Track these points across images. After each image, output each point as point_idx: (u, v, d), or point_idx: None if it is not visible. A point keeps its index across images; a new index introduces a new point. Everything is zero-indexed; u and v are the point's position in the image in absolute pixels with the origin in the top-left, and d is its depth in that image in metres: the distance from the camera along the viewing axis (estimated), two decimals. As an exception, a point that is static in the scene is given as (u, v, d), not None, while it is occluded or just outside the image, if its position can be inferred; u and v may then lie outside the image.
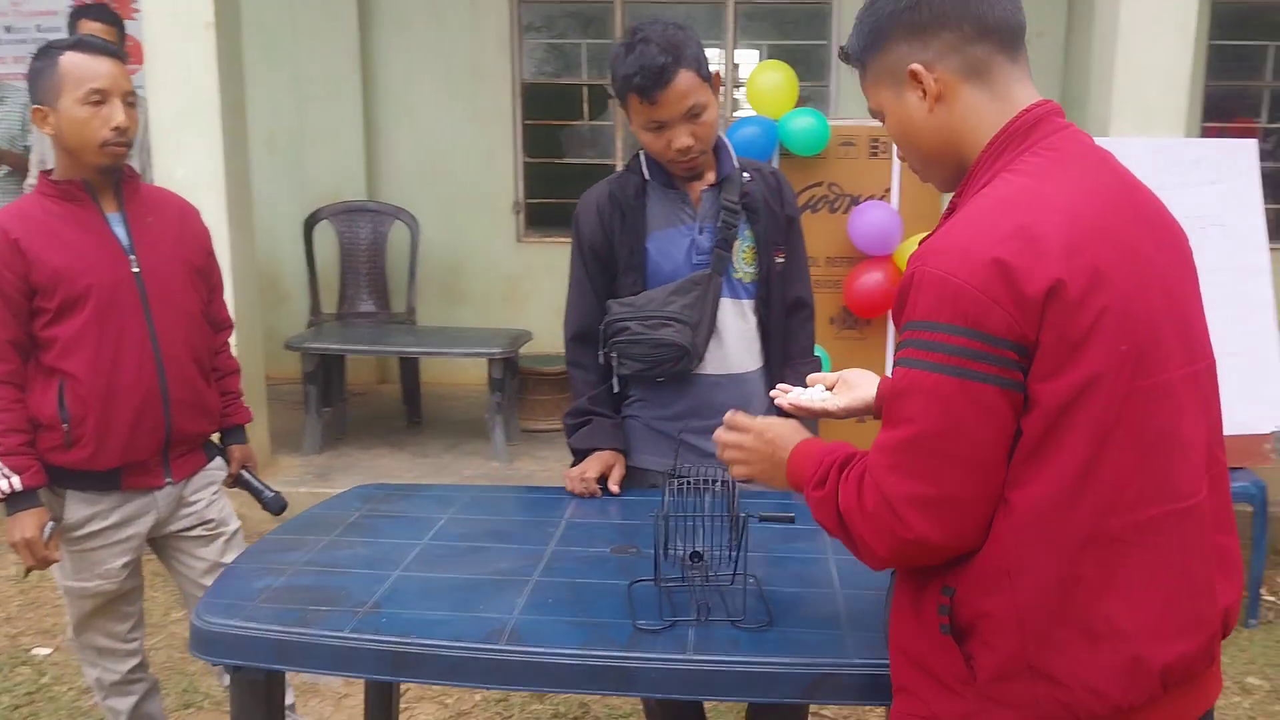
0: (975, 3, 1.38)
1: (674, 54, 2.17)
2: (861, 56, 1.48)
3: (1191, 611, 1.35)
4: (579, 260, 2.50)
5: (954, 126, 1.41)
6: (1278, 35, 6.99)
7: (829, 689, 1.62)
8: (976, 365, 1.25)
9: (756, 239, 2.41)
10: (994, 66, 1.39)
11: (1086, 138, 1.41)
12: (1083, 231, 1.27)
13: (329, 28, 6.29)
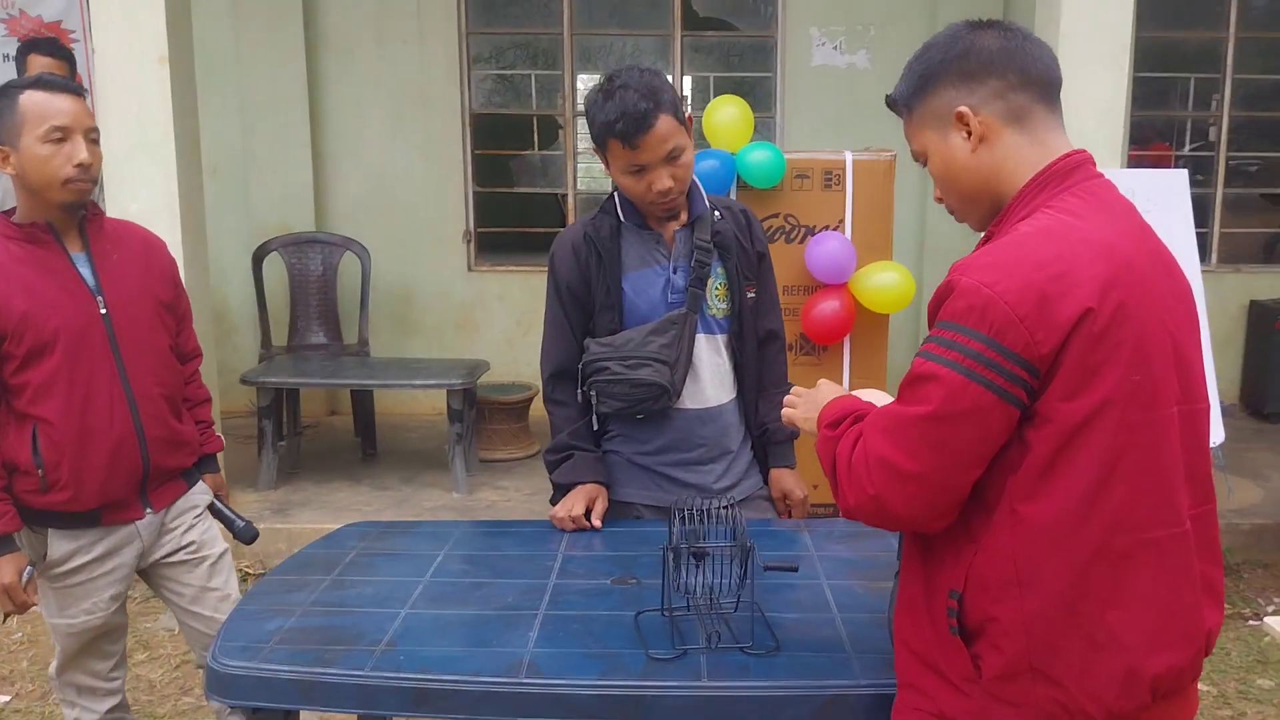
0: (1019, 55, 1.51)
1: (654, 99, 2.24)
2: (910, 101, 1.59)
3: (1181, 627, 1.45)
4: (555, 300, 2.53)
5: (995, 166, 1.52)
6: (1194, 68, 7.31)
7: (839, 710, 1.69)
8: (985, 372, 1.36)
9: (729, 276, 2.49)
10: (1034, 114, 1.51)
11: (1114, 187, 1.53)
12: (1112, 269, 1.39)
13: (274, 57, 6.27)
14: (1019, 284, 1.36)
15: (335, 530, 2.47)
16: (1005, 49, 1.53)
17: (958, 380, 1.37)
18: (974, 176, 1.55)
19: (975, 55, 1.53)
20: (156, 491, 2.55)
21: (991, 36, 1.55)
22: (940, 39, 1.59)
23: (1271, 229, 7.84)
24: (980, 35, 1.55)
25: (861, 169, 4.42)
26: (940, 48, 1.57)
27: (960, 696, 1.46)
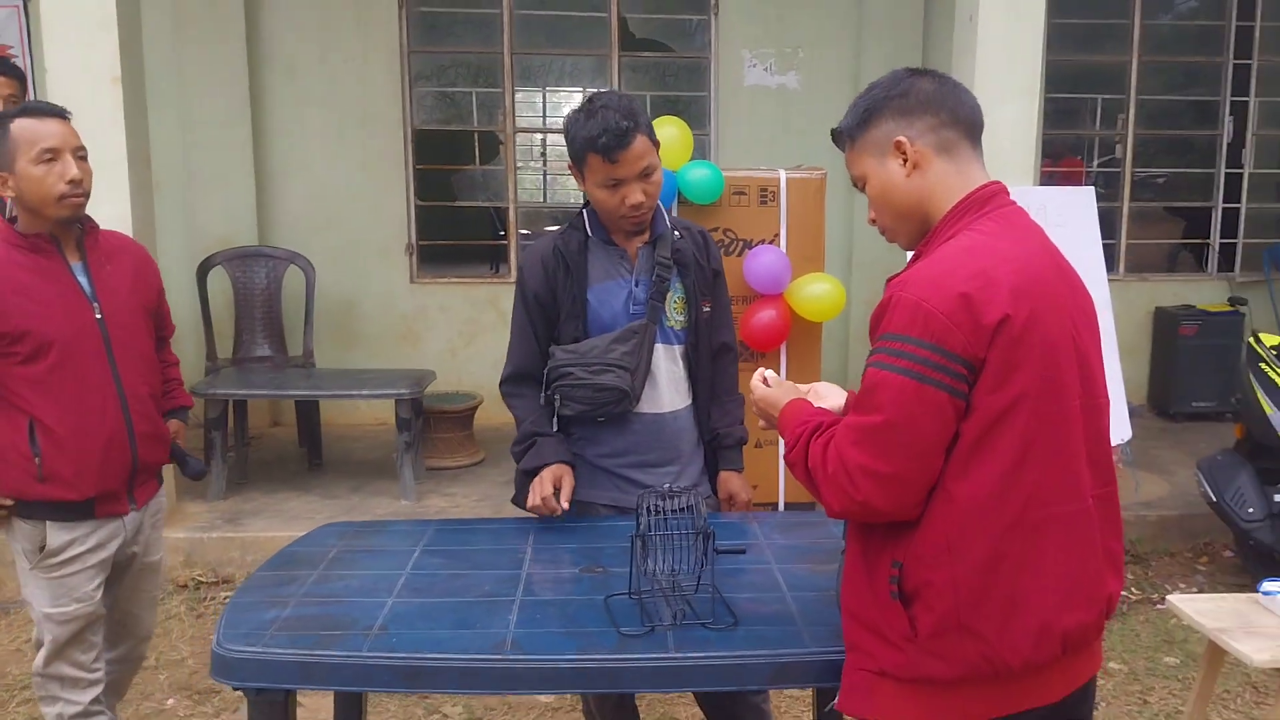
0: (950, 98, 1.76)
1: (633, 119, 2.44)
2: (853, 132, 1.81)
3: (1087, 590, 1.70)
4: (522, 307, 2.69)
5: (925, 191, 1.75)
6: (1102, 89, 7.72)
7: (793, 674, 1.92)
8: (934, 374, 1.59)
9: (686, 291, 2.68)
10: (960, 148, 1.75)
11: (1025, 213, 1.78)
12: (1025, 281, 1.63)
13: (217, 74, 6.35)
14: (951, 296, 1.59)
15: (312, 531, 2.62)
16: (939, 91, 1.77)
17: (910, 386, 1.59)
18: (907, 199, 1.78)
19: (914, 94, 1.77)
20: (140, 488, 2.78)
21: (928, 81, 1.79)
22: (884, 80, 1.82)
23: (1174, 240, 8.29)
24: (918, 79, 1.79)
25: (795, 186, 4.68)
26: (884, 87, 1.80)
27: (898, 653, 1.68)
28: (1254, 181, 7.44)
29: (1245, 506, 4.47)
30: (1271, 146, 7.79)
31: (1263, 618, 3.01)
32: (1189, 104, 7.98)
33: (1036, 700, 1.70)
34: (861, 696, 1.75)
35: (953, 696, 1.67)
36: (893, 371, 1.62)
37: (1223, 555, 5.04)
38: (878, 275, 6.64)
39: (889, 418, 1.62)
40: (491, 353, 6.76)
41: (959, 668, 1.65)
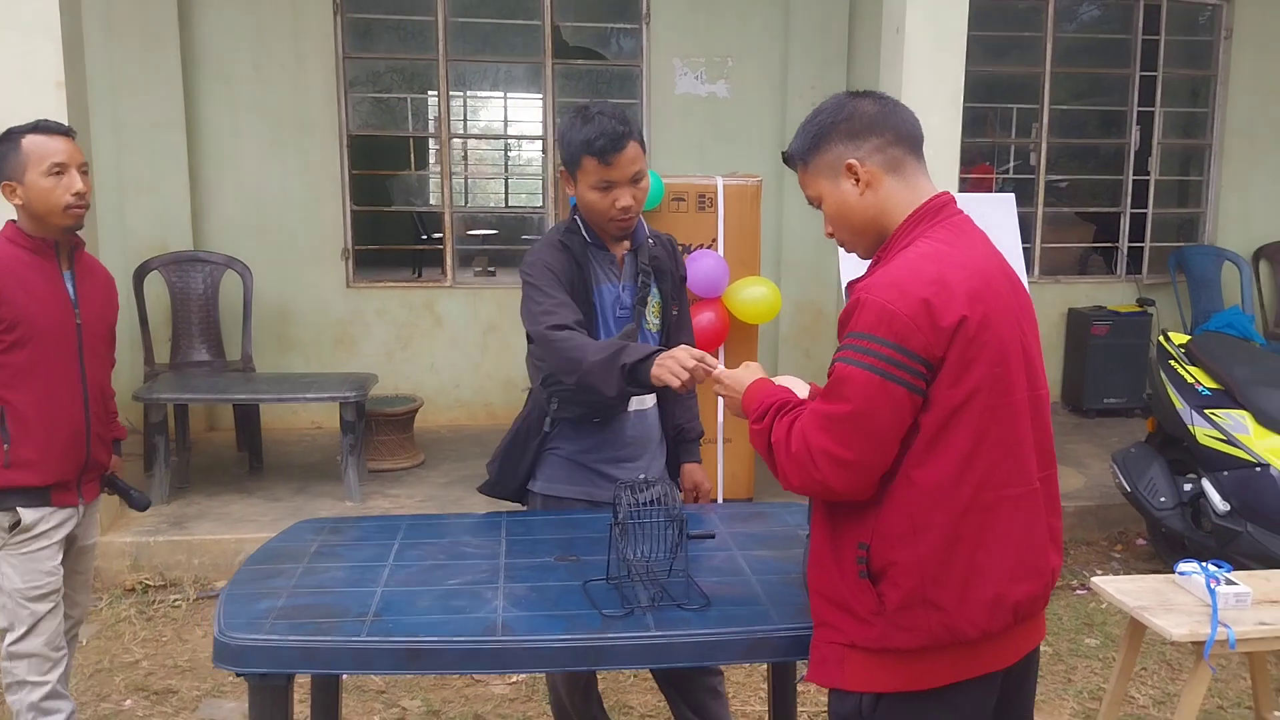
0: (893, 117, 1.91)
1: (627, 125, 2.57)
2: (805, 156, 1.96)
3: (1034, 564, 1.87)
4: (551, 278, 2.63)
5: (879, 207, 1.90)
6: (1014, 100, 8.06)
7: (764, 649, 2.07)
8: (895, 371, 1.74)
9: (662, 296, 2.84)
10: (906, 164, 1.91)
11: (971, 221, 1.94)
12: (978, 285, 1.79)
13: (150, 79, 6.32)
14: (913, 300, 1.75)
15: (288, 527, 2.72)
16: (882, 112, 1.93)
17: (875, 381, 1.75)
18: (862, 215, 1.93)
19: (859, 118, 1.92)
20: (87, 484, 3.01)
21: (870, 103, 1.94)
22: (828, 105, 1.97)
23: (1085, 244, 8.68)
24: (861, 102, 1.94)
25: (732, 193, 4.85)
26: (829, 112, 1.95)
27: (867, 627, 1.84)
28: (1159, 188, 7.84)
29: (1157, 496, 4.75)
30: (1176, 154, 8.21)
31: (1179, 596, 3.24)
32: (1098, 113, 8.38)
33: (992, 665, 1.87)
34: (832, 668, 1.90)
35: (917, 664, 1.83)
36: (859, 367, 1.77)
37: (1136, 543, 5.34)
38: (806, 278, 6.89)
39: (854, 408, 1.77)
40: (427, 356, 6.88)
41: (923, 638, 1.81)
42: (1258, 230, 7.73)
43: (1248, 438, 4.40)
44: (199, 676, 3.94)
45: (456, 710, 3.66)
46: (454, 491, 5.56)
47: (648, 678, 3.90)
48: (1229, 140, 7.66)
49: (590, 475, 2.78)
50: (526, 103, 11.73)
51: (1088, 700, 3.81)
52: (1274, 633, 3.07)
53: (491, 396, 7.06)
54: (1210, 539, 4.48)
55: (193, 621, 4.42)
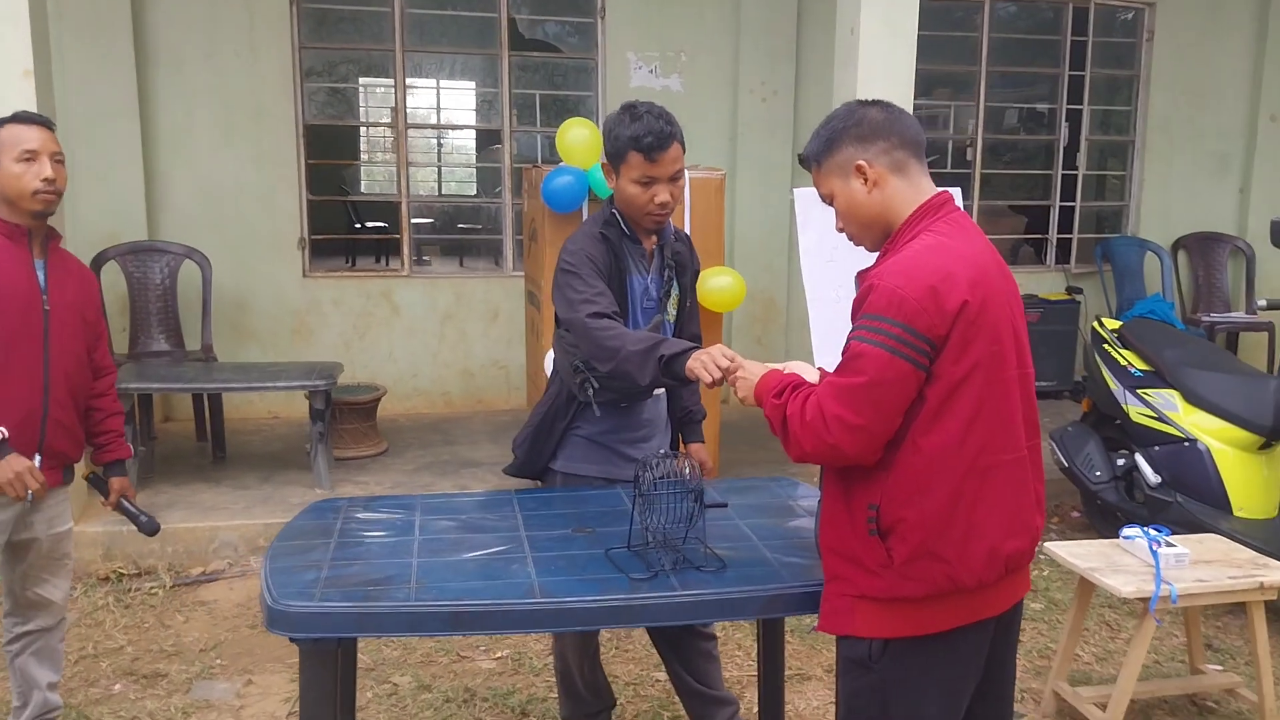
0: (898, 124, 2.12)
1: (672, 125, 2.73)
2: (819, 157, 2.16)
3: (1023, 522, 2.10)
4: (591, 267, 2.75)
5: (885, 204, 2.11)
6: (957, 97, 8.38)
7: (778, 605, 2.28)
8: (904, 349, 1.95)
9: (682, 289, 3.02)
10: (910, 166, 2.11)
11: (968, 216, 2.16)
12: (977, 274, 2.00)
13: (102, 68, 6.30)
14: (921, 286, 1.95)
15: (304, 509, 2.82)
16: (888, 119, 2.14)
17: (885, 356, 1.95)
18: (869, 212, 2.14)
19: (867, 123, 2.12)
20: (45, 472, 2.97)
21: (878, 110, 2.15)
22: (840, 112, 2.18)
23: (1017, 235, 9.04)
24: (869, 109, 2.15)
25: (697, 185, 5.04)
26: (841, 118, 2.16)
27: (877, 579, 2.05)
28: (1087, 182, 8.24)
29: (1093, 470, 5.06)
30: (1102, 150, 8.61)
31: (1124, 558, 3.53)
32: (1029, 111, 8.73)
33: (986, 612, 2.10)
34: (844, 617, 2.11)
35: (921, 611, 2.04)
36: (872, 345, 1.97)
37: (1071, 515, 5.67)
38: (757, 269, 7.13)
39: (867, 379, 1.96)
40: (384, 345, 6.97)
41: (927, 587, 2.02)
42: (1176, 222, 8.16)
43: (1177, 415, 4.72)
44: (186, 660, 4.02)
45: (446, 684, 3.81)
46: (422, 477, 5.67)
47: (630, 649, 4.09)
48: (1150, 137, 8.06)
49: (608, 454, 2.95)
50: (467, 94, 11.84)
51: (1036, 658, 4.08)
52: (1210, 588, 3.37)
53: (449, 385, 7.17)
54: (1143, 509, 4.79)
55: (172, 608, 4.49)
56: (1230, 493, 4.55)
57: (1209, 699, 3.79)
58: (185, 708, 3.66)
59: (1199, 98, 8.05)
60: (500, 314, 7.10)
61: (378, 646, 4.06)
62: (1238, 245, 8.10)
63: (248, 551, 4.93)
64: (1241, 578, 3.42)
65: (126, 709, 3.64)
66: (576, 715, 3.23)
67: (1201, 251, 8.11)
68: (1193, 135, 8.10)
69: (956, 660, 2.11)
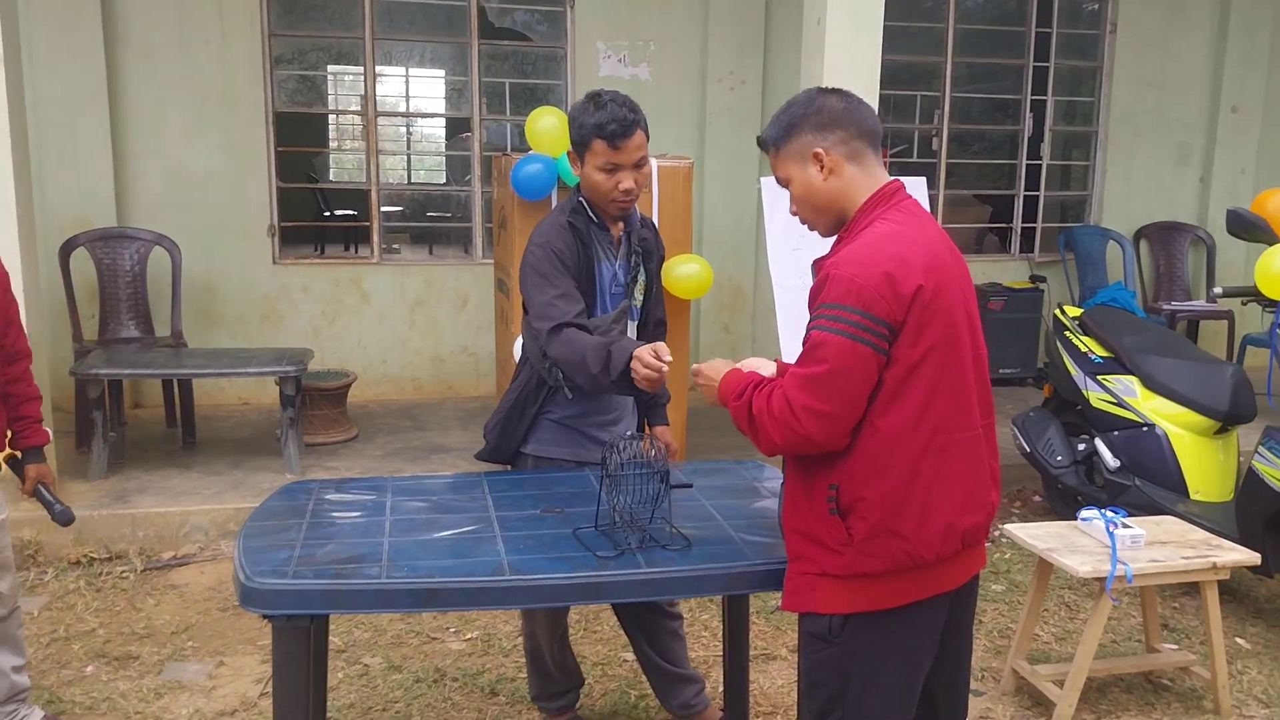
0: (856, 113, 2.18)
1: (636, 114, 2.78)
2: (777, 142, 2.21)
3: (978, 498, 2.17)
4: (558, 269, 2.81)
5: (840, 191, 2.17)
6: (923, 88, 8.46)
7: (742, 581, 2.34)
8: (864, 335, 2.00)
9: (649, 275, 3.07)
10: (866, 155, 2.18)
11: (919, 203, 2.22)
12: (930, 259, 2.07)
13: (71, 55, 6.27)
14: (876, 273, 2.01)
15: (276, 491, 2.87)
16: (847, 109, 2.19)
17: (847, 344, 2.00)
18: (825, 198, 2.20)
19: (827, 112, 2.18)
20: None
21: (837, 99, 2.21)
22: (800, 99, 2.24)
23: (982, 224, 9.15)
24: (829, 98, 2.21)
25: (665, 173, 5.09)
26: (801, 105, 2.21)
27: (838, 556, 2.11)
28: (1051, 172, 8.35)
29: (1054, 455, 5.17)
30: (1065, 140, 8.72)
31: (1081, 539, 3.62)
32: (994, 101, 8.83)
33: (943, 587, 2.17)
34: (805, 595, 2.17)
35: (881, 586, 2.11)
36: (833, 333, 2.02)
37: (1032, 499, 5.78)
38: (725, 257, 7.19)
39: (830, 368, 2.02)
40: (354, 332, 6.99)
41: (886, 563, 2.09)
42: (1138, 212, 8.29)
43: (1136, 400, 4.82)
44: (158, 642, 4.05)
45: (417, 665, 3.86)
46: (392, 463, 5.71)
47: (599, 630, 4.15)
48: (1113, 128, 8.18)
49: (579, 437, 3.00)
50: (437, 82, 11.82)
51: (997, 638, 4.18)
52: (1165, 568, 3.47)
53: (419, 371, 7.20)
54: (1102, 493, 4.90)
55: (144, 591, 4.51)
56: (1187, 476, 4.66)
57: (1164, 677, 3.89)
58: (157, 689, 3.69)
59: (1161, 89, 8.18)
60: (470, 301, 7.13)
61: (349, 628, 4.11)
62: (1198, 235, 8.23)
63: (218, 536, 4.96)
64: (1195, 558, 3.52)
65: (99, 690, 3.66)
66: (545, 694, 3.30)
67: (1163, 241, 8.25)
68: (1155, 126, 8.22)
69: (914, 634, 2.18)
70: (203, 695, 3.67)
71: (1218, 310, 7.79)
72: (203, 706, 3.59)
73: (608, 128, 2.75)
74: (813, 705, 2.24)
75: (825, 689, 2.21)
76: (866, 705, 2.17)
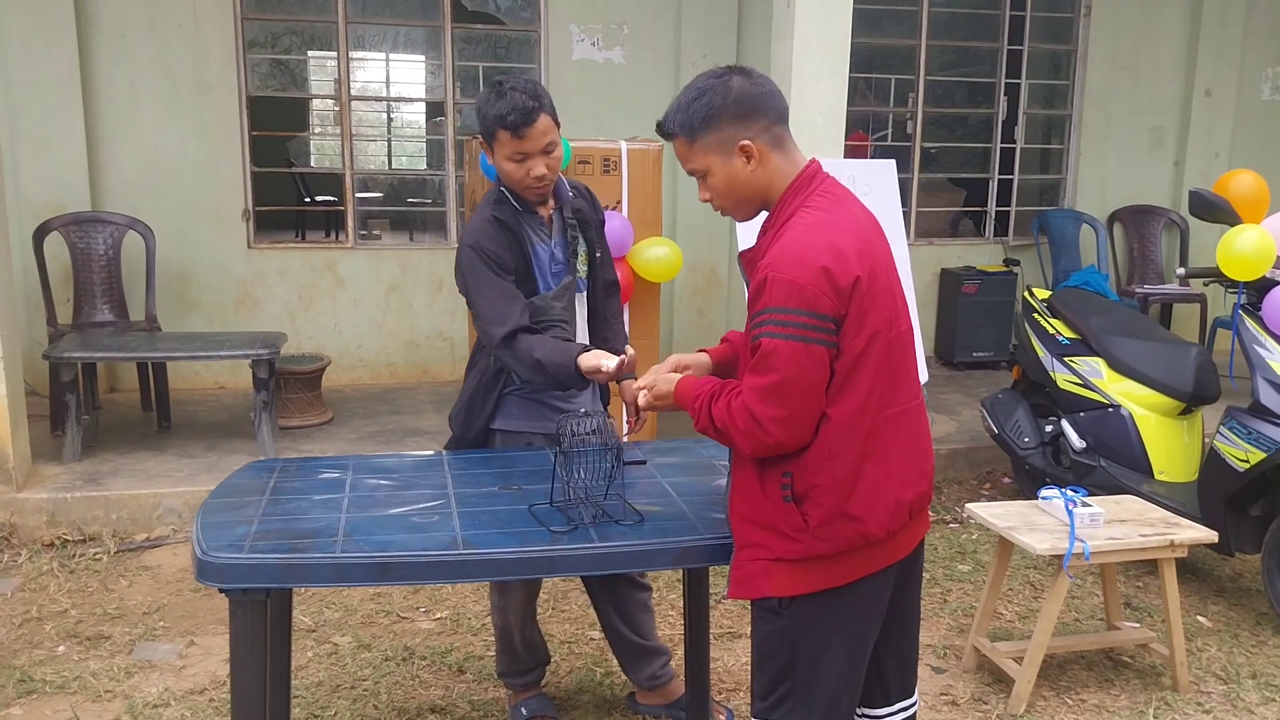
0: (772, 99, 2.17)
1: (538, 100, 2.77)
2: (694, 133, 2.16)
3: (920, 468, 2.21)
4: (491, 275, 2.86)
5: (766, 179, 2.18)
6: (891, 70, 8.49)
7: (692, 556, 2.38)
8: (813, 334, 2.02)
9: (588, 244, 3.10)
10: (785, 139, 2.19)
11: (838, 182, 2.22)
12: (862, 245, 2.09)
13: (43, 38, 6.25)
14: (813, 270, 2.01)
15: (240, 468, 2.89)
16: (763, 94, 2.16)
17: (798, 347, 2.01)
18: (751, 189, 2.20)
19: (746, 101, 2.14)
20: None
21: (748, 84, 2.15)
22: (713, 86, 2.15)
23: (956, 208, 9.21)
24: (735, 81, 2.15)
25: (635, 157, 5.12)
26: (717, 94, 2.13)
27: (792, 543, 2.13)
28: (1025, 156, 8.39)
29: (1022, 436, 5.22)
30: (1039, 124, 8.77)
31: (1041, 518, 3.67)
32: (969, 85, 8.86)
33: (892, 558, 2.21)
34: (758, 581, 2.19)
35: (834, 566, 2.15)
36: (782, 339, 2.02)
37: (1002, 481, 5.84)
38: (699, 240, 7.22)
39: (784, 375, 2.03)
40: (330, 316, 7.00)
41: (840, 545, 2.12)
42: (1112, 195, 8.35)
43: (1102, 382, 4.88)
44: (129, 623, 4.08)
45: (387, 644, 3.89)
46: (366, 446, 5.73)
47: (567, 609, 4.19)
48: (1087, 111, 8.23)
49: (544, 410, 3.03)
50: (416, 67, 11.80)
51: (961, 617, 4.23)
52: (1123, 545, 3.52)
53: (394, 356, 7.22)
54: (1069, 474, 4.95)
55: (116, 573, 4.54)
56: (1151, 457, 4.72)
57: (1124, 654, 3.95)
58: (128, 667, 3.71)
59: (1135, 72, 8.23)
60: (444, 285, 7.14)
61: (319, 608, 4.14)
62: (1171, 218, 8.30)
63: (191, 518, 4.95)
64: (1153, 536, 3.57)
65: (70, 669, 3.69)
66: (512, 671, 3.34)
67: (1136, 224, 8.31)
68: (1129, 110, 8.28)
69: (862, 604, 2.21)
70: (173, 674, 3.70)
71: (1190, 293, 7.86)
72: (172, 685, 3.62)
73: (508, 118, 2.75)
74: (764, 676, 2.27)
75: (776, 660, 2.24)
76: (817, 674, 2.21)
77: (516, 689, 3.38)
